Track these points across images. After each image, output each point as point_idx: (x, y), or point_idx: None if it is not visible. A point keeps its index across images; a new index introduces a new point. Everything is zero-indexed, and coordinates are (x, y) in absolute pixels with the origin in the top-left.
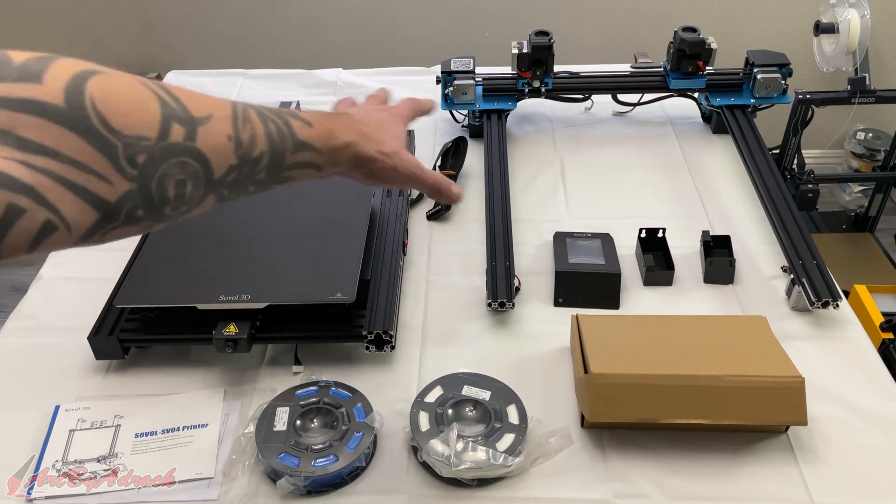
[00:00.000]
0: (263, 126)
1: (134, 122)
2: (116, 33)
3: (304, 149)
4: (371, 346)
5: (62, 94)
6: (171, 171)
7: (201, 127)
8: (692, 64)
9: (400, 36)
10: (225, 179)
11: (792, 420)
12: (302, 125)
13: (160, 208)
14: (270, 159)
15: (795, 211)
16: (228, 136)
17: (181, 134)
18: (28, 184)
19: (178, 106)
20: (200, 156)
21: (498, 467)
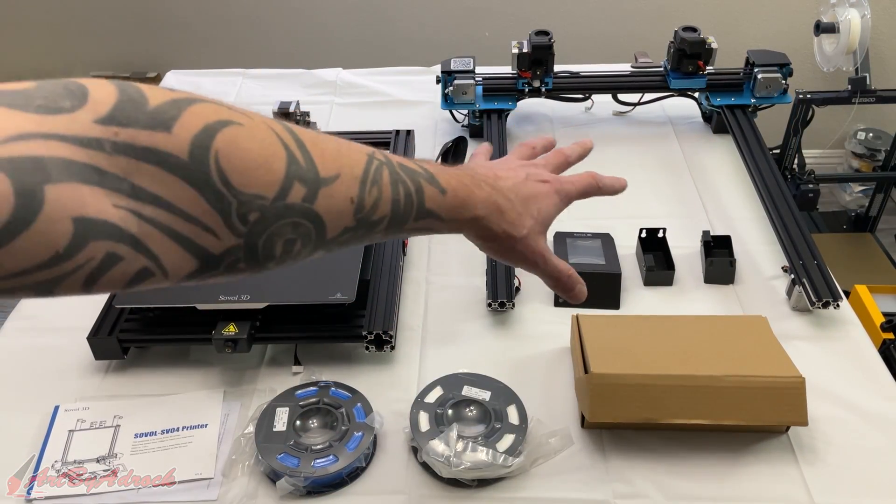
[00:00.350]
0: (392, 190)
1: (254, 181)
2: (116, 33)
3: (429, 216)
4: (371, 346)
5: (188, 146)
6: (283, 230)
7: (324, 188)
8: (692, 64)
9: (400, 36)
10: (338, 239)
11: (792, 420)
12: (435, 193)
13: (264, 262)
14: (390, 223)
15: (796, 211)
16: (351, 199)
17: (301, 195)
18: (132, 233)
19: (306, 164)
20: (317, 218)
21: (498, 468)
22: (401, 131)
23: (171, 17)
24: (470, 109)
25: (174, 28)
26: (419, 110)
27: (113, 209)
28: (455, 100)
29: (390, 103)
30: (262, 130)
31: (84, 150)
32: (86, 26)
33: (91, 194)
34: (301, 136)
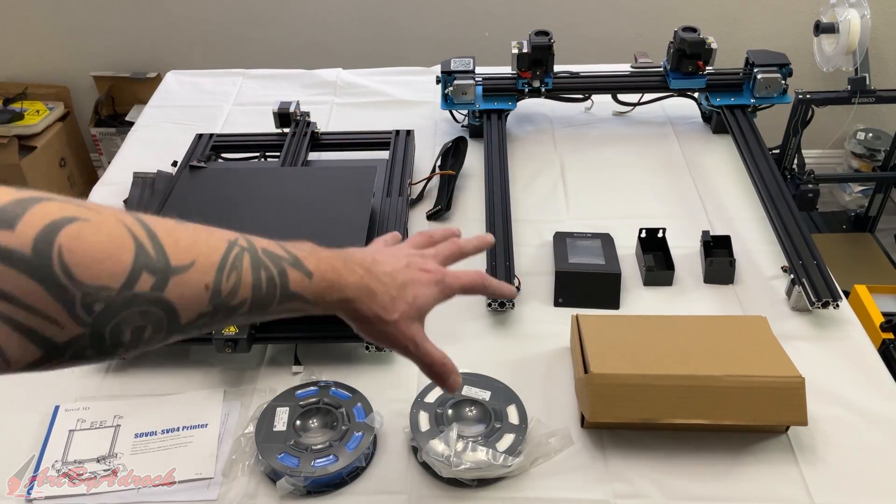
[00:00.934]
0: (253, 275)
1: (99, 273)
2: (116, 33)
3: (294, 299)
4: (371, 346)
5: (31, 242)
6: (131, 318)
7: (176, 276)
8: (692, 64)
9: (400, 36)
10: (194, 323)
11: (792, 420)
12: (300, 276)
13: (112, 350)
14: (252, 306)
15: (795, 211)
16: (206, 286)
17: (150, 284)
18: None
19: (155, 254)
20: (167, 305)
21: (498, 467)
22: (401, 131)
23: (171, 17)
24: (470, 109)
25: (174, 28)
26: (419, 110)
27: None
28: (455, 100)
29: (390, 103)
30: (110, 224)
31: None
32: (86, 26)
33: None
34: (153, 228)
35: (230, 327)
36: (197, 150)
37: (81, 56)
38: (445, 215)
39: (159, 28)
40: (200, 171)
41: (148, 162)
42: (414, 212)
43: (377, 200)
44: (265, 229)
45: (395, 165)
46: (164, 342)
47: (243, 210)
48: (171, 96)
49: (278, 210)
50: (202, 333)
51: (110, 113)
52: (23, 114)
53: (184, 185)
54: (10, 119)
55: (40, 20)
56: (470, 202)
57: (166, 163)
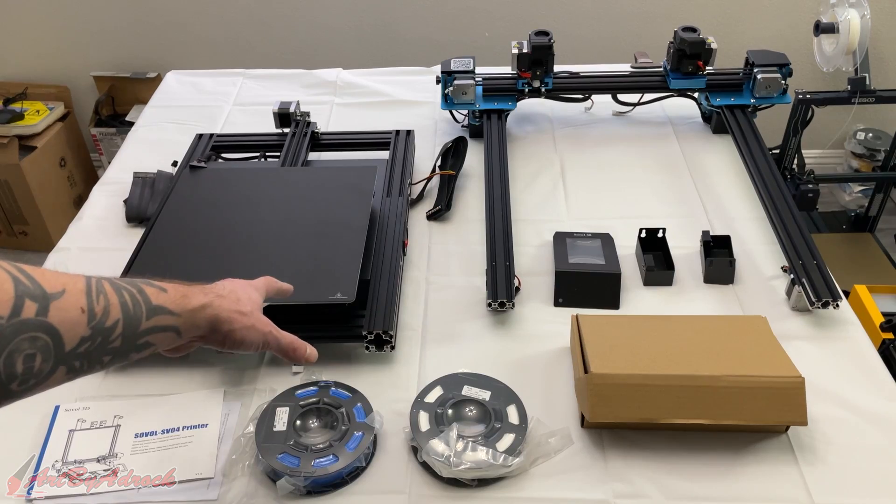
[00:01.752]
0: (118, 295)
1: None
2: (116, 33)
3: (160, 312)
4: (371, 346)
5: None
6: (21, 346)
7: (54, 301)
8: (692, 64)
9: (400, 36)
10: (77, 350)
11: (792, 420)
12: (157, 291)
13: (7, 384)
14: (125, 326)
15: (795, 211)
16: (82, 309)
17: (34, 310)
18: None
19: (31, 283)
20: (52, 329)
21: (498, 467)
22: (401, 131)
23: (171, 17)
24: (470, 109)
25: (174, 28)
26: (419, 110)
27: None
28: (455, 100)
29: (390, 103)
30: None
31: None
32: (86, 26)
33: None
34: (18, 265)
35: None
36: (197, 150)
37: (81, 56)
38: (445, 215)
39: (159, 28)
40: (200, 171)
41: (148, 162)
42: (414, 212)
43: (377, 200)
44: (265, 229)
45: (395, 165)
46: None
47: (243, 210)
48: (171, 96)
49: (278, 210)
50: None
51: (110, 113)
52: (23, 114)
53: (184, 185)
54: (10, 119)
55: (40, 20)
56: (470, 202)
57: (166, 163)
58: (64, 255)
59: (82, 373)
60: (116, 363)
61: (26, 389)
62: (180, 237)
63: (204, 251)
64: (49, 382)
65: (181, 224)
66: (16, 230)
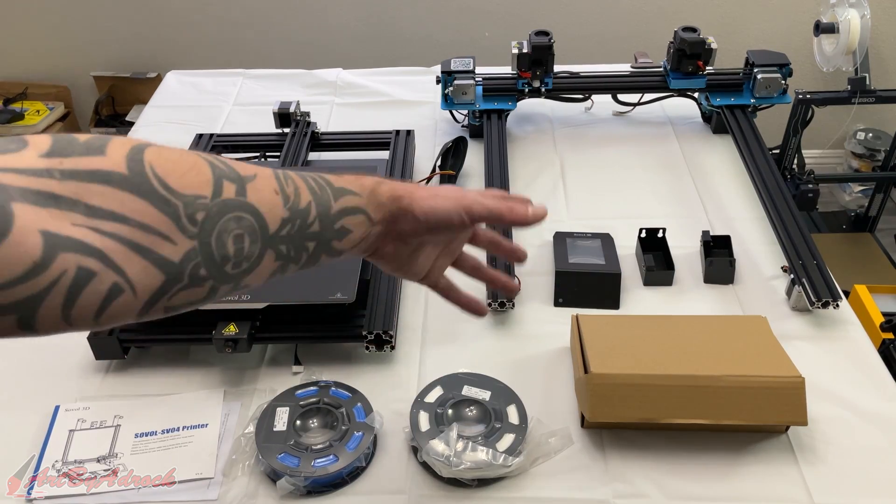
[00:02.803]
0: (303, 181)
1: (190, 182)
2: (117, 33)
3: (345, 193)
4: (371, 346)
5: (124, 162)
6: (229, 225)
7: (249, 183)
8: (692, 64)
9: (400, 36)
10: (280, 233)
11: (792, 420)
12: (335, 176)
13: (221, 265)
14: (317, 208)
15: (795, 211)
16: (275, 191)
17: (233, 190)
18: (97, 247)
19: (225, 167)
20: (253, 209)
21: (498, 467)
22: (401, 131)
23: (171, 17)
24: (470, 109)
25: (174, 28)
26: (419, 110)
27: (73, 227)
28: (455, 100)
29: (390, 103)
30: (178, 149)
31: (36, 178)
32: (86, 26)
33: (50, 215)
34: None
35: (230, 327)
36: (197, 150)
37: (81, 56)
38: None
39: (159, 28)
40: None
41: None
42: None
43: None
44: None
45: (395, 165)
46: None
47: None
48: (171, 96)
49: None
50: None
51: (110, 113)
52: (23, 114)
53: None
54: (10, 119)
55: (40, 20)
56: None
57: None
58: None
59: (291, 262)
60: (322, 254)
61: (241, 273)
62: None
63: None
64: (261, 269)
65: None
66: None
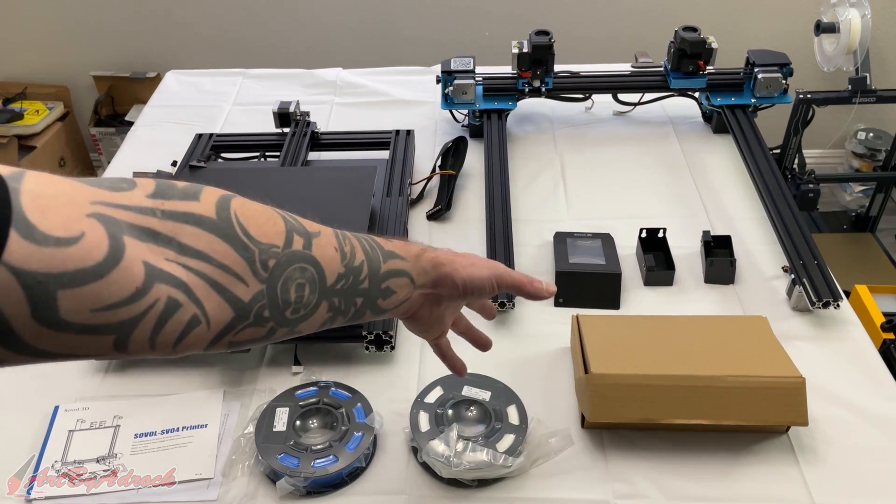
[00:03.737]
0: (358, 241)
1: (266, 232)
2: (116, 33)
3: (393, 257)
4: (371, 346)
5: (214, 208)
6: (294, 274)
7: (315, 239)
8: (693, 63)
9: (400, 36)
10: (335, 286)
11: (792, 420)
12: (384, 240)
13: (283, 309)
14: (369, 267)
15: (796, 211)
16: (335, 248)
17: (301, 243)
18: (184, 281)
19: (295, 222)
20: (316, 263)
21: (498, 468)
22: (401, 131)
23: (171, 17)
24: (470, 109)
25: (174, 28)
26: (419, 110)
27: (166, 262)
28: (455, 100)
29: (390, 103)
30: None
31: (142, 216)
32: (86, 26)
33: (149, 249)
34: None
35: None
36: (197, 149)
37: (81, 56)
38: (445, 215)
39: (159, 28)
40: (200, 171)
41: (148, 162)
42: (414, 212)
43: (377, 200)
44: None
45: (395, 165)
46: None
47: None
48: (170, 96)
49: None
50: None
51: (110, 113)
52: (22, 113)
53: None
54: (9, 119)
55: (40, 20)
56: (470, 202)
57: (166, 163)
58: None
59: (340, 314)
60: (367, 311)
61: (298, 319)
62: None
63: None
64: (315, 318)
65: None
66: None
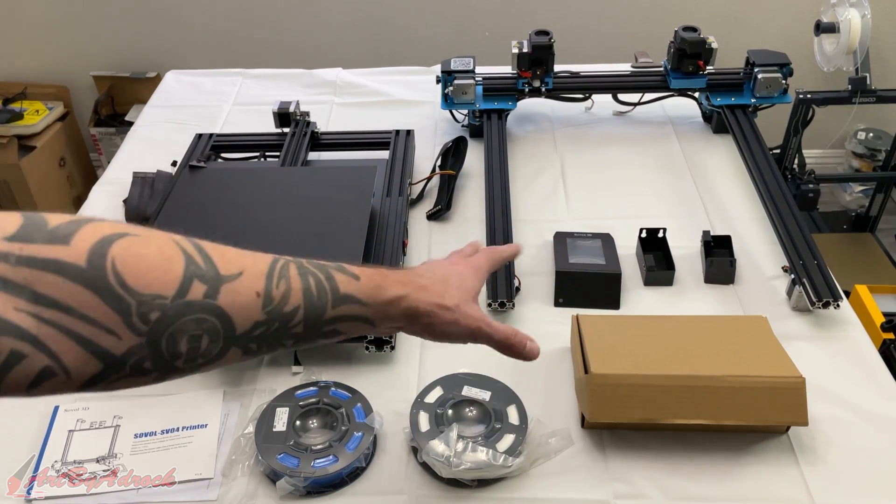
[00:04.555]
0: (301, 280)
1: (152, 282)
2: (116, 33)
3: (348, 301)
4: (371, 346)
5: (85, 255)
6: (185, 326)
7: (226, 284)
8: (693, 63)
9: (400, 36)
10: (250, 334)
11: (792, 420)
12: (347, 279)
13: (170, 361)
14: (307, 313)
15: (796, 211)
16: (257, 293)
17: (202, 291)
18: (32, 333)
19: (205, 264)
20: (220, 313)
21: (498, 468)
22: (401, 131)
23: (171, 17)
24: (470, 109)
25: (174, 28)
26: (419, 110)
27: (13, 311)
28: (455, 100)
29: (390, 103)
30: (160, 238)
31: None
32: (86, 26)
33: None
34: (200, 243)
35: None
36: (197, 149)
37: (81, 56)
38: (445, 215)
39: (159, 28)
40: (200, 171)
41: (148, 162)
42: (414, 212)
43: (377, 200)
44: (265, 229)
45: (395, 165)
46: (224, 356)
47: (243, 210)
48: (170, 96)
49: (278, 210)
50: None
51: (110, 113)
52: (22, 114)
53: (184, 185)
54: (9, 119)
55: (40, 20)
56: (470, 202)
57: (166, 163)
58: None
59: (262, 353)
60: (304, 346)
61: (194, 367)
62: None
63: None
64: (222, 361)
65: (181, 224)
66: None
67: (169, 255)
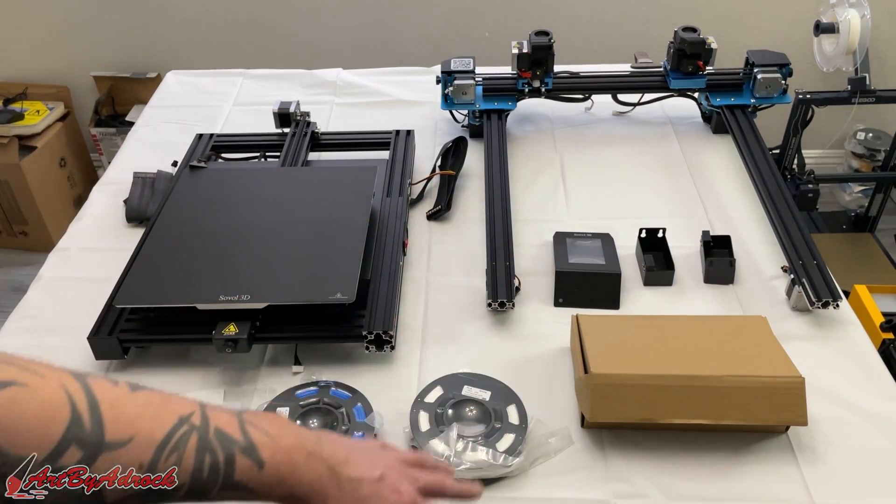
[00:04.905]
0: (195, 458)
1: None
2: (116, 33)
3: (237, 489)
4: (371, 346)
5: None
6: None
7: (106, 453)
8: (692, 64)
9: (400, 36)
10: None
11: (792, 420)
12: (249, 465)
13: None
14: (189, 491)
15: (795, 211)
16: (141, 465)
17: (76, 457)
18: None
19: (91, 427)
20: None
21: (498, 467)
22: (401, 131)
23: (171, 17)
24: (470, 109)
25: (174, 28)
26: (419, 110)
27: None
28: (455, 100)
29: (390, 103)
30: (49, 390)
31: None
32: (86, 26)
33: None
34: (98, 397)
35: (230, 327)
36: (197, 150)
37: (81, 56)
38: (445, 215)
39: (159, 28)
40: (200, 171)
41: (148, 162)
42: (414, 212)
43: (377, 200)
44: (265, 229)
45: (395, 165)
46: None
47: (244, 210)
48: (171, 96)
49: (278, 210)
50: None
51: (110, 113)
52: (23, 114)
53: (184, 185)
54: (10, 119)
55: (40, 20)
56: (470, 202)
57: (166, 163)
58: (64, 255)
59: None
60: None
61: None
62: (180, 237)
63: (204, 251)
64: None
65: (181, 224)
66: (16, 230)
67: (52, 413)
